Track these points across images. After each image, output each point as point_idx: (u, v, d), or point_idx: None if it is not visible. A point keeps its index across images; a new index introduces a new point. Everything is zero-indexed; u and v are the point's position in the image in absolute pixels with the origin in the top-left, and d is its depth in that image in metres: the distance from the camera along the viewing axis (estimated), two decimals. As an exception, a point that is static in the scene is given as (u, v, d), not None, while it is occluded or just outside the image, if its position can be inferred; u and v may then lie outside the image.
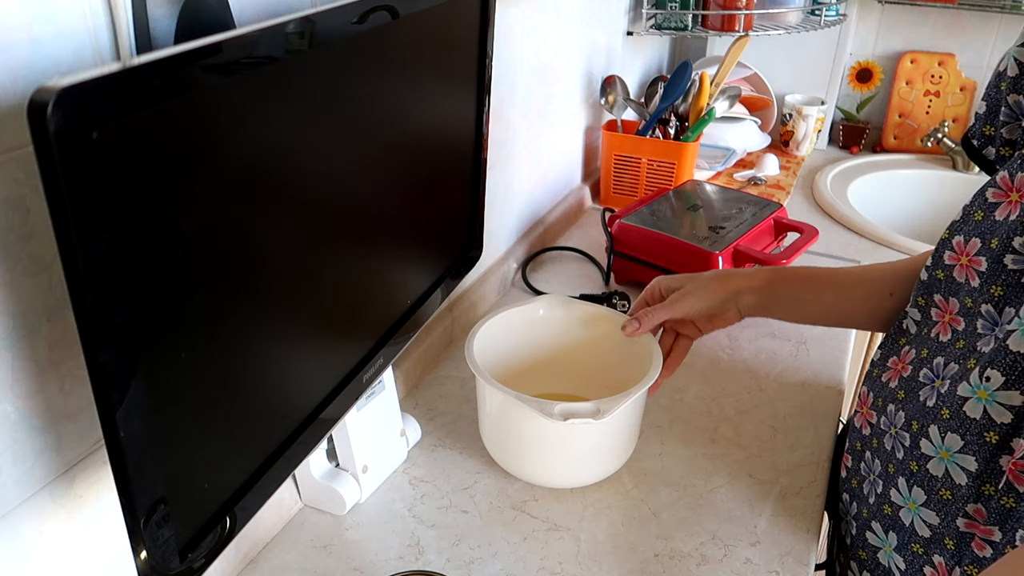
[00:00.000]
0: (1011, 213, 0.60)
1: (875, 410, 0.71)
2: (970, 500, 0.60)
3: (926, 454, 0.63)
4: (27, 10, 0.44)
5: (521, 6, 1.07)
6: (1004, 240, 0.60)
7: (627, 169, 1.45)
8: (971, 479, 0.60)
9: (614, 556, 0.74)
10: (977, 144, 0.71)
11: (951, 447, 0.61)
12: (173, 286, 0.43)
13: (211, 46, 0.41)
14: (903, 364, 0.69)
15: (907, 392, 0.67)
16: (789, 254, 1.11)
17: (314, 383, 0.62)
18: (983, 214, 0.63)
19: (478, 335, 0.82)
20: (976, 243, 0.63)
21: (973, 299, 0.62)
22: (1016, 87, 0.65)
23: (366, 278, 0.67)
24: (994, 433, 0.58)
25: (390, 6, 0.57)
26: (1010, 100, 0.66)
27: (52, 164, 0.33)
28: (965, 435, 0.60)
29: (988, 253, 0.61)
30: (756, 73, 1.71)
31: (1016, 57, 0.64)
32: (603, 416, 0.71)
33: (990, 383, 0.58)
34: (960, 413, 0.60)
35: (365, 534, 0.77)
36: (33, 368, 0.49)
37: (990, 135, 0.69)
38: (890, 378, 0.70)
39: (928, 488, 0.63)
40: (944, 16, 1.70)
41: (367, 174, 0.63)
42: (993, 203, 0.62)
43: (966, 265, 0.63)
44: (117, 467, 0.42)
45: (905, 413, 0.66)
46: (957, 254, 0.64)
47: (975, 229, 0.63)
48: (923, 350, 0.67)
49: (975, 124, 0.71)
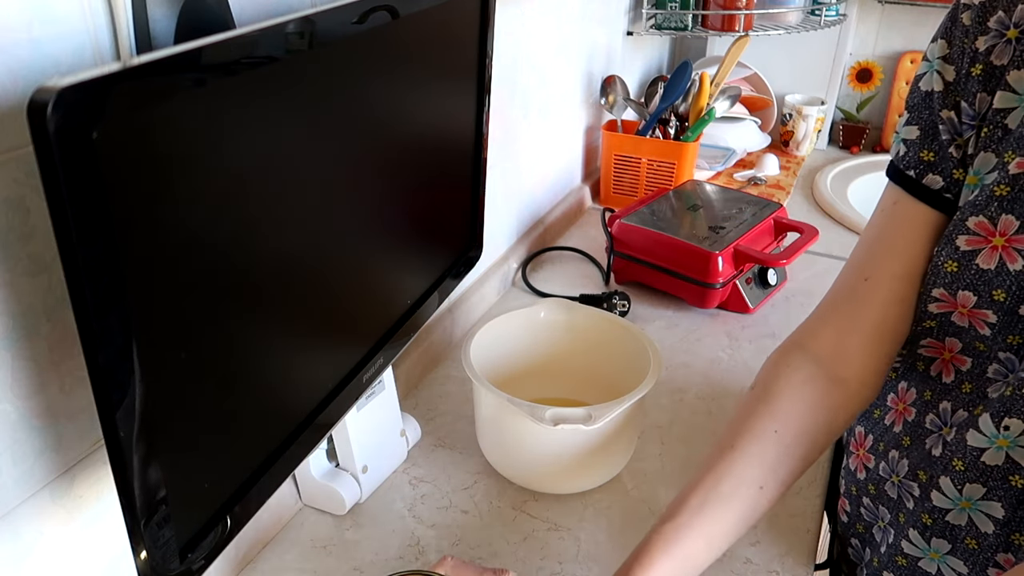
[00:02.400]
0: (1008, 261, 0.55)
1: (874, 454, 0.69)
2: (999, 549, 0.58)
3: (939, 507, 0.61)
4: (27, 10, 0.44)
5: (521, 6, 1.07)
6: (1015, 292, 0.55)
7: (627, 169, 1.45)
8: (999, 527, 0.58)
9: (614, 556, 0.74)
10: (915, 174, 0.63)
11: (972, 496, 0.59)
12: (173, 286, 0.43)
13: (211, 46, 0.41)
14: (904, 405, 0.66)
15: (913, 439, 0.64)
16: (789, 254, 1.11)
17: (314, 383, 0.62)
18: (957, 265, 0.58)
19: (477, 337, 0.82)
20: (969, 296, 0.58)
21: (986, 344, 0.59)
22: (945, 103, 0.60)
23: (366, 278, 0.67)
24: (1019, 477, 0.56)
25: (390, 6, 0.57)
26: (944, 116, 0.60)
27: (52, 164, 0.33)
28: (987, 482, 0.57)
29: (995, 306, 0.57)
30: (756, 73, 1.71)
31: (938, 71, 0.60)
32: (594, 423, 0.71)
33: (1010, 431, 0.56)
34: (978, 464, 0.58)
35: (365, 534, 0.77)
36: (33, 368, 0.49)
37: (930, 161, 0.62)
38: (893, 421, 0.67)
39: (952, 538, 0.61)
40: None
41: (367, 174, 0.63)
42: (969, 251, 0.57)
43: (966, 314, 0.59)
44: (117, 467, 0.42)
45: (909, 461, 0.64)
46: (947, 303, 0.60)
47: (956, 281, 0.58)
48: (925, 391, 0.64)
49: (908, 152, 0.63)
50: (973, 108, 0.59)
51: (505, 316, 0.86)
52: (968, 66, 0.58)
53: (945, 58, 0.60)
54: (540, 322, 0.89)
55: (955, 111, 0.60)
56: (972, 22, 0.58)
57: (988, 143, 0.57)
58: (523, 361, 0.89)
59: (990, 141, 0.57)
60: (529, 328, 0.89)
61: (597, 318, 0.88)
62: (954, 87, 0.59)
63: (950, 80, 0.59)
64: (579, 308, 0.89)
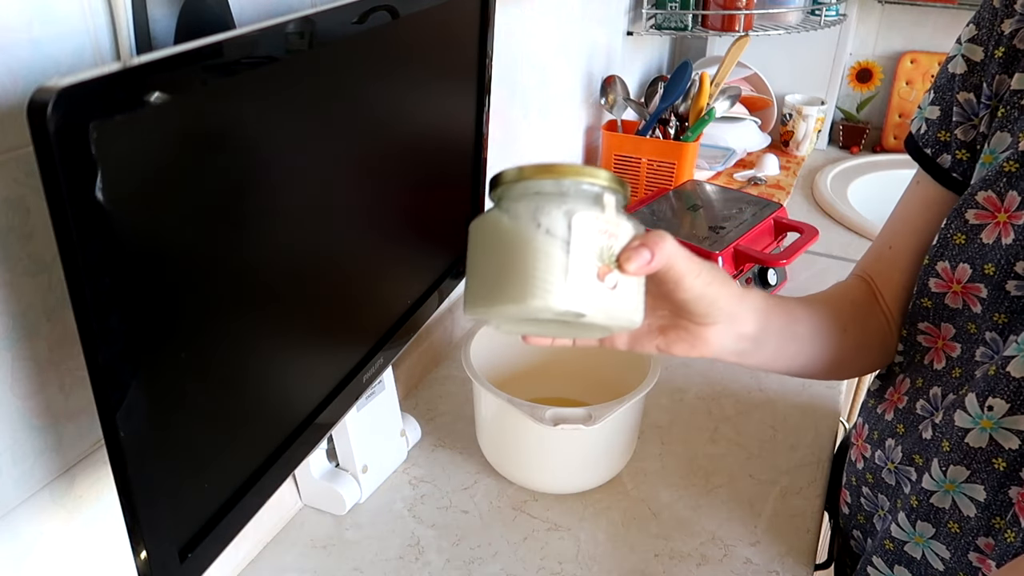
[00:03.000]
0: (1003, 236, 0.57)
1: (870, 443, 0.69)
2: (980, 533, 0.58)
3: (927, 488, 0.61)
4: (27, 10, 0.44)
5: (521, 6, 1.07)
6: (1002, 266, 0.57)
7: (627, 169, 1.45)
8: (980, 510, 0.58)
9: (614, 556, 0.74)
10: (931, 152, 0.66)
11: (956, 478, 0.59)
12: (173, 286, 0.43)
13: (211, 46, 0.41)
14: (899, 395, 0.67)
15: (906, 426, 0.65)
16: (789, 254, 1.11)
17: (314, 383, 0.62)
18: (965, 238, 0.60)
19: (477, 337, 0.82)
20: (966, 269, 0.59)
21: (977, 325, 0.60)
22: (966, 85, 0.62)
23: (366, 278, 0.67)
24: (1002, 460, 0.56)
25: (390, 6, 0.57)
26: (960, 98, 0.63)
27: (52, 164, 0.33)
28: (971, 464, 0.58)
29: (985, 280, 0.58)
30: (756, 73, 1.71)
31: (964, 53, 0.62)
32: (594, 423, 0.71)
33: (994, 412, 0.56)
34: (962, 445, 0.58)
35: (365, 534, 0.77)
36: (33, 368, 0.49)
37: (945, 141, 0.65)
38: (885, 410, 0.68)
39: (935, 521, 0.61)
40: (944, 16, 1.70)
41: (367, 174, 0.63)
42: (976, 225, 0.59)
43: (960, 292, 0.60)
44: (117, 467, 0.42)
45: (903, 447, 0.65)
46: (946, 281, 0.61)
47: (960, 254, 0.60)
48: (917, 379, 0.65)
49: (928, 131, 0.66)
50: (991, 88, 0.61)
51: (505, 316, 0.86)
52: (993, 48, 0.60)
53: (973, 39, 0.62)
54: (540, 322, 0.89)
55: (975, 92, 0.62)
56: (1001, 4, 0.60)
57: (1004, 123, 0.59)
58: (523, 361, 0.89)
59: (1006, 121, 0.59)
60: (530, 328, 0.88)
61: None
62: (979, 68, 0.62)
63: (976, 61, 0.62)
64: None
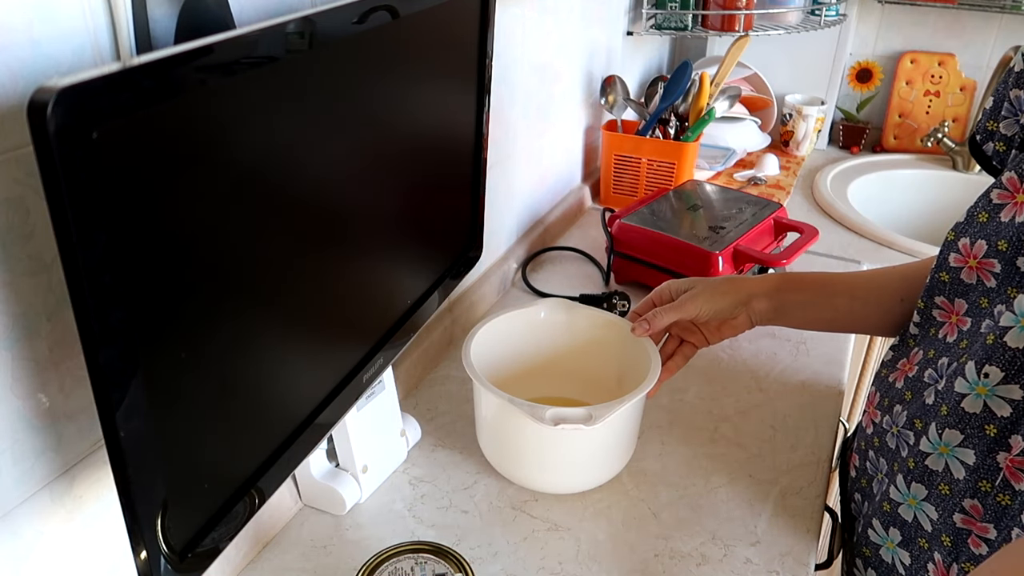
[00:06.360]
0: (1017, 214, 0.60)
1: (880, 409, 0.71)
2: (967, 495, 0.60)
3: (924, 451, 0.63)
4: (27, 10, 0.44)
5: (521, 6, 1.07)
6: (1014, 242, 0.59)
7: (627, 169, 1.45)
8: (968, 473, 0.60)
9: (614, 556, 0.74)
10: (980, 139, 0.70)
11: (950, 442, 0.61)
12: (173, 286, 0.43)
13: (211, 46, 0.41)
14: (911, 365, 0.69)
15: (913, 393, 0.67)
16: (789, 254, 1.11)
17: (314, 383, 0.62)
18: (987, 216, 0.62)
19: (477, 337, 0.82)
20: (982, 245, 0.62)
21: (989, 299, 0.62)
22: (1019, 82, 0.65)
23: (366, 278, 0.67)
24: (993, 426, 0.58)
25: (390, 6, 0.57)
26: (1011, 95, 0.66)
27: (52, 164, 0.33)
28: (965, 429, 0.60)
29: (999, 255, 0.61)
30: (756, 73, 1.71)
31: None
32: (595, 422, 0.71)
33: (989, 379, 0.58)
34: (959, 409, 0.60)
35: (365, 534, 0.77)
36: (33, 368, 0.49)
37: (991, 130, 0.69)
38: (896, 379, 0.70)
39: (928, 483, 0.63)
40: (944, 16, 1.70)
41: (367, 174, 0.63)
42: (998, 204, 0.62)
43: (975, 268, 0.63)
44: (117, 467, 0.42)
45: (908, 412, 0.66)
46: (964, 256, 0.64)
47: (980, 231, 0.63)
48: (930, 350, 0.67)
49: (981, 119, 0.70)
50: None
51: (505, 316, 0.86)
52: None
53: None
54: (540, 322, 0.89)
55: None
56: None
57: None
58: (523, 361, 0.89)
59: None
60: (529, 328, 0.89)
61: (597, 318, 0.88)
62: None
63: None
64: (579, 308, 0.89)
